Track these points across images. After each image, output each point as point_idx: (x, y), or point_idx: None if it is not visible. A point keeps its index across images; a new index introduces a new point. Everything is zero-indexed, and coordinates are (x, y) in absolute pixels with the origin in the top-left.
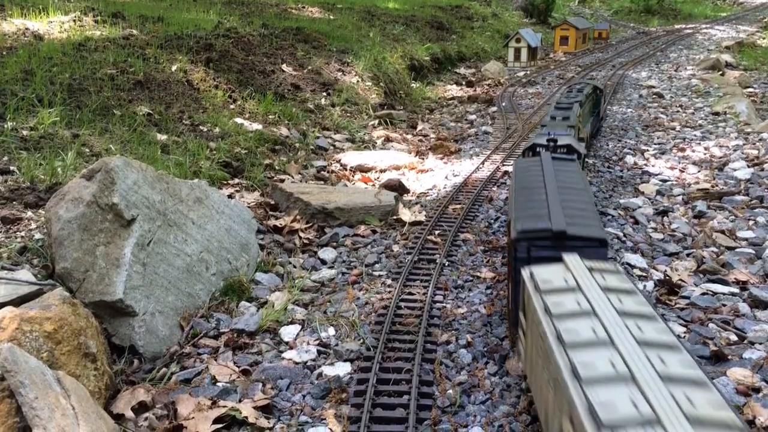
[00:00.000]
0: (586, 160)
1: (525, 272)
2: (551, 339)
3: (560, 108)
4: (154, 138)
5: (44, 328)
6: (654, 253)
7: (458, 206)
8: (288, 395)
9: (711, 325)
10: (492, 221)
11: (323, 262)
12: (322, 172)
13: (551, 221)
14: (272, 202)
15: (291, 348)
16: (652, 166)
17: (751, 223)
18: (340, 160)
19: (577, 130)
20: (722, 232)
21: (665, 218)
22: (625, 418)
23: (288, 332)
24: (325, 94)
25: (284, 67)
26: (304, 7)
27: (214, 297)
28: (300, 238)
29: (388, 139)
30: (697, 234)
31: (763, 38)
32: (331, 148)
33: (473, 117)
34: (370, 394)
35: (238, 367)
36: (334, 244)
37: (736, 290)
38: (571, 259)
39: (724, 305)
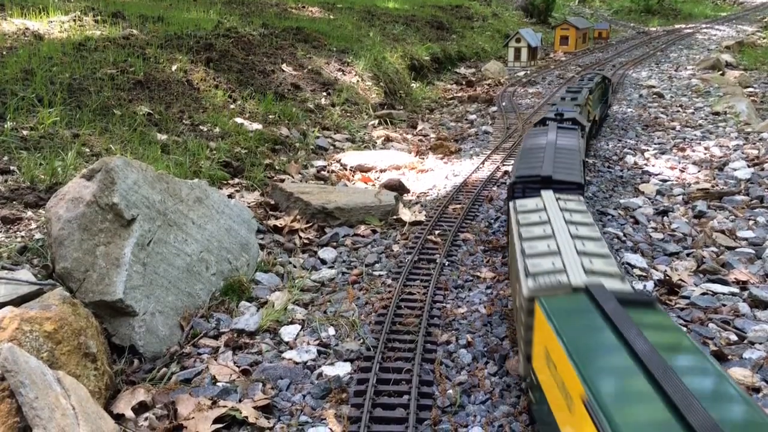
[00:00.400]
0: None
1: (512, 204)
2: (518, 252)
3: (570, 91)
4: (154, 138)
5: (44, 328)
6: (654, 253)
7: (458, 206)
8: (288, 395)
9: (711, 325)
10: (492, 221)
11: (323, 261)
12: (322, 172)
13: (542, 170)
14: (272, 202)
15: (291, 348)
16: (652, 165)
17: (751, 222)
18: (340, 160)
19: (585, 109)
20: (722, 231)
21: (665, 218)
22: (543, 270)
23: (288, 332)
24: (325, 93)
25: (284, 66)
26: (304, 7)
27: (214, 297)
28: (300, 237)
29: (388, 139)
30: (697, 234)
31: (764, 38)
32: (331, 147)
33: (473, 117)
34: (370, 394)
35: (238, 367)
36: (334, 243)
37: (736, 290)
38: (546, 194)
39: (724, 305)
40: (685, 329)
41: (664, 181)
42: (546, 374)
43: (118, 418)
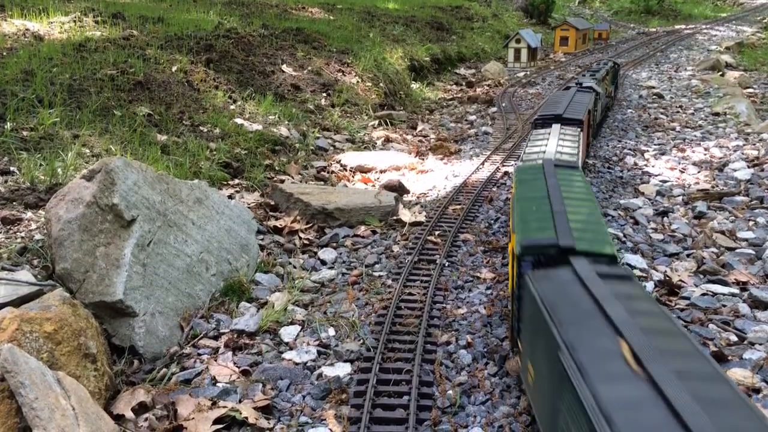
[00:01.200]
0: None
1: (533, 130)
2: (522, 155)
3: (589, 71)
4: (154, 138)
5: (44, 329)
6: (654, 254)
7: (458, 207)
8: (288, 396)
9: (711, 325)
10: (492, 222)
11: (323, 262)
12: (322, 173)
13: (556, 111)
14: (272, 203)
15: (291, 348)
16: (652, 166)
17: (751, 223)
18: (340, 161)
19: (602, 84)
20: (722, 232)
21: (665, 219)
22: (530, 158)
23: (288, 333)
24: (325, 94)
25: (284, 67)
26: (304, 8)
27: (214, 297)
28: (300, 238)
29: (388, 140)
30: (697, 235)
31: (763, 39)
32: (331, 148)
33: (473, 117)
34: (370, 395)
35: (238, 367)
36: (334, 244)
37: (736, 291)
38: (555, 126)
39: (724, 306)
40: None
41: (664, 181)
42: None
43: (118, 418)
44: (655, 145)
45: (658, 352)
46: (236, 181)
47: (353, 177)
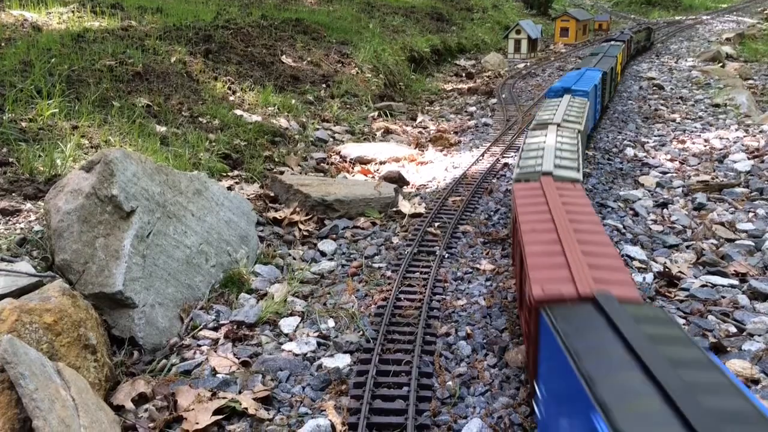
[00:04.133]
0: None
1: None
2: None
3: (630, 29)
4: (153, 130)
5: (44, 320)
6: (653, 245)
7: (458, 198)
8: (288, 387)
9: (710, 317)
10: (492, 213)
11: (323, 254)
12: (322, 164)
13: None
14: (272, 194)
15: (291, 340)
16: (652, 158)
17: (750, 215)
18: (339, 152)
19: (635, 37)
20: (722, 224)
21: (665, 210)
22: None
23: (288, 324)
24: (324, 85)
25: (284, 58)
26: None
27: (214, 289)
28: (300, 230)
29: (387, 131)
30: (696, 226)
31: (764, 30)
32: (331, 140)
33: (473, 109)
34: (370, 386)
35: (238, 358)
36: (334, 236)
37: (735, 282)
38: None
39: (724, 297)
40: (684, 322)
41: (664, 173)
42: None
43: (118, 409)
44: (655, 136)
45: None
46: (236, 172)
47: (353, 168)
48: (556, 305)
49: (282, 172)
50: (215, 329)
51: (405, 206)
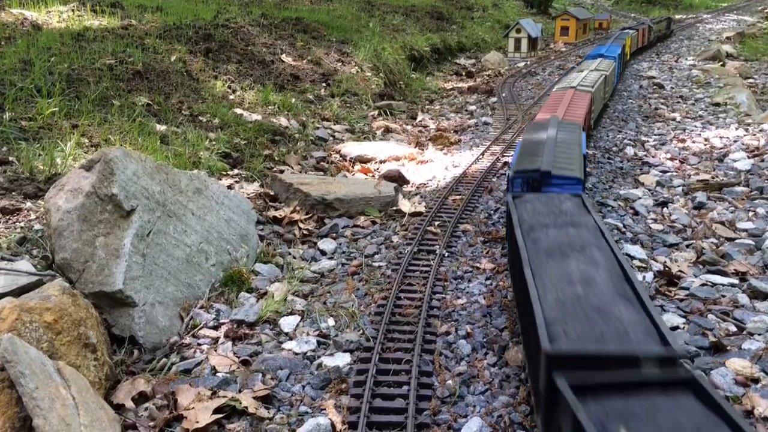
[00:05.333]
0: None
1: None
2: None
3: (653, 21)
4: (153, 128)
5: (44, 319)
6: (654, 244)
7: (458, 197)
8: (288, 386)
9: (710, 316)
10: (492, 212)
11: (323, 253)
12: (322, 163)
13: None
14: (272, 193)
15: (291, 339)
16: (653, 157)
17: (750, 214)
18: (339, 151)
19: (658, 24)
20: (722, 223)
21: (665, 209)
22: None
23: (288, 323)
24: (324, 84)
25: (284, 57)
26: None
27: (214, 288)
28: (299, 229)
29: (387, 130)
30: (696, 225)
31: (764, 29)
32: (331, 138)
33: (473, 108)
34: (370, 385)
35: (238, 357)
36: (334, 235)
37: (735, 281)
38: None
39: (724, 296)
40: (684, 321)
41: (664, 172)
42: None
43: (118, 408)
44: (655, 135)
45: None
46: (236, 171)
47: (353, 167)
48: None
49: (282, 171)
50: (215, 328)
51: (405, 205)
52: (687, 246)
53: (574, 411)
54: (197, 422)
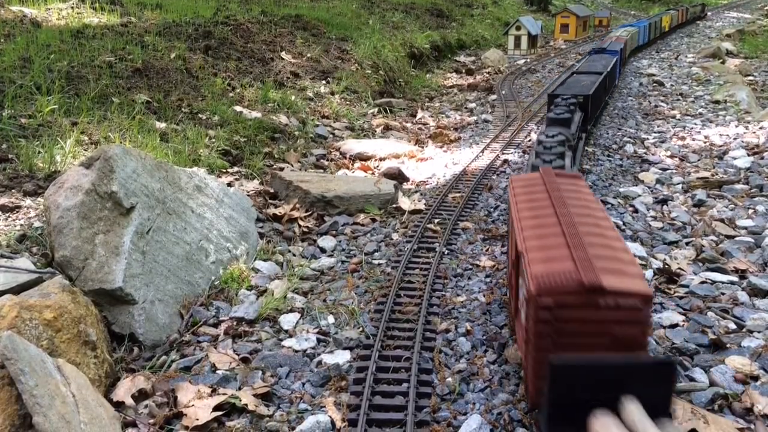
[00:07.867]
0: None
1: None
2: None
3: (691, 6)
4: (152, 126)
5: (44, 316)
6: (653, 242)
7: (458, 195)
8: (288, 383)
9: (710, 313)
10: (491, 210)
11: (323, 250)
12: (322, 161)
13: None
14: (271, 191)
15: (290, 336)
16: (652, 154)
17: (750, 211)
18: (339, 149)
19: (694, 8)
20: (722, 220)
21: (665, 207)
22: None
23: (287, 320)
24: (324, 82)
25: (283, 54)
26: None
27: (214, 285)
28: (299, 226)
29: (387, 128)
30: (696, 223)
31: (764, 26)
32: (331, 136)
33: (473, 105)
34: (370, 382)
35: (238, 355)
36: (334, 232)
37: (735, 279)
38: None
39: (723, 294)
40: (683, 318)
41: (664, 169)
42: None
43: (118, 405)
44: (655, 133)
45: None
46: (235, 168)
47: (353, 165)
48: None
49: (282, 169)
50: (215, 325)
51: (405, 203)
52: (687, 244)
53: None
54: (197, 419)
